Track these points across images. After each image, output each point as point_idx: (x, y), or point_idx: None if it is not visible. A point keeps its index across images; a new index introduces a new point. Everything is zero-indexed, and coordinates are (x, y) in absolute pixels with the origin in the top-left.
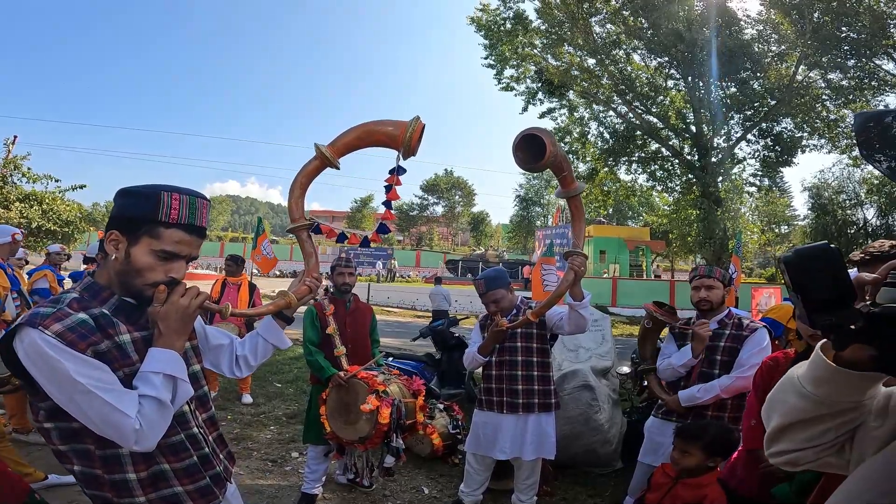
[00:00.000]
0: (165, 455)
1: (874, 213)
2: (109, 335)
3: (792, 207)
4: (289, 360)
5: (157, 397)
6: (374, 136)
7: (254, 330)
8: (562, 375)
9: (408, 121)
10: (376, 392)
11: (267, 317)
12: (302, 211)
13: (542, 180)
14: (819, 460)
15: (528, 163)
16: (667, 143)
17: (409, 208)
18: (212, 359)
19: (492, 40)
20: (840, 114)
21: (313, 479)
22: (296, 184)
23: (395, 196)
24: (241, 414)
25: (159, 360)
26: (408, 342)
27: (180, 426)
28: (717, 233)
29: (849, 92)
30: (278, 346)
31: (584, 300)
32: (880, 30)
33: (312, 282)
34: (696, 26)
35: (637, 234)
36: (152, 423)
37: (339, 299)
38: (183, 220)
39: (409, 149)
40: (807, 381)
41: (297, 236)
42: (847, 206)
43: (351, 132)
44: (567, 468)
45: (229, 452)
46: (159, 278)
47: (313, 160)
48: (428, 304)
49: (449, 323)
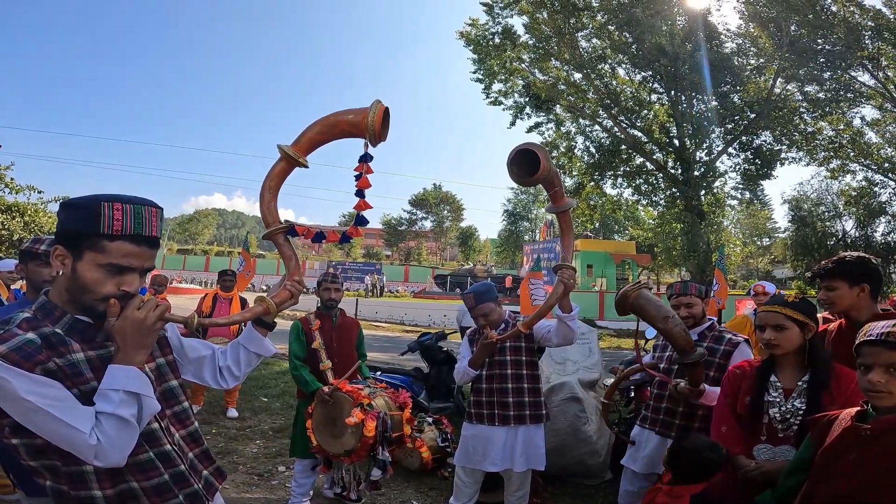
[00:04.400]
0: (133, 473)
1: (853, 224)
2: (61, 353)
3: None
4: (275, 375)
5: (116, 413)
6: (336, 128)
7: (235, 339)
8: (550, 388)
9: (367, 106)
10: (361, 405)
11: (248, 326)
12: (276, 215)
13: (529, 195)
14: None
15: (522, 177)
16: (651, 156)
17: (397, 223)
18: (194, 371)
19: (480, 55)
20: (817, 126)
21: (300, 492)
22: (265, 188)
23: (367, 184)
24: (226, 428)
25: (117, 376)
26: (396, 357)
27: (149, 444)
28: (701, 246)
29: (825, 104)
30: (261, 353)
31: (573, 312)
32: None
33: (293, 286)
34: (677, 40)
35: (623, 248)
36: (113, 439)
37: (326, 314)
38: (128, 231)
39: (374, 134)
40: None
41: (274, 241)
42: (826, 217)
43: (313, 127)
44: (556, 480)
45: (217, 468)
46: (110, 292)
47: (279, 162)
48: (416, 318)
49: (437, 337)
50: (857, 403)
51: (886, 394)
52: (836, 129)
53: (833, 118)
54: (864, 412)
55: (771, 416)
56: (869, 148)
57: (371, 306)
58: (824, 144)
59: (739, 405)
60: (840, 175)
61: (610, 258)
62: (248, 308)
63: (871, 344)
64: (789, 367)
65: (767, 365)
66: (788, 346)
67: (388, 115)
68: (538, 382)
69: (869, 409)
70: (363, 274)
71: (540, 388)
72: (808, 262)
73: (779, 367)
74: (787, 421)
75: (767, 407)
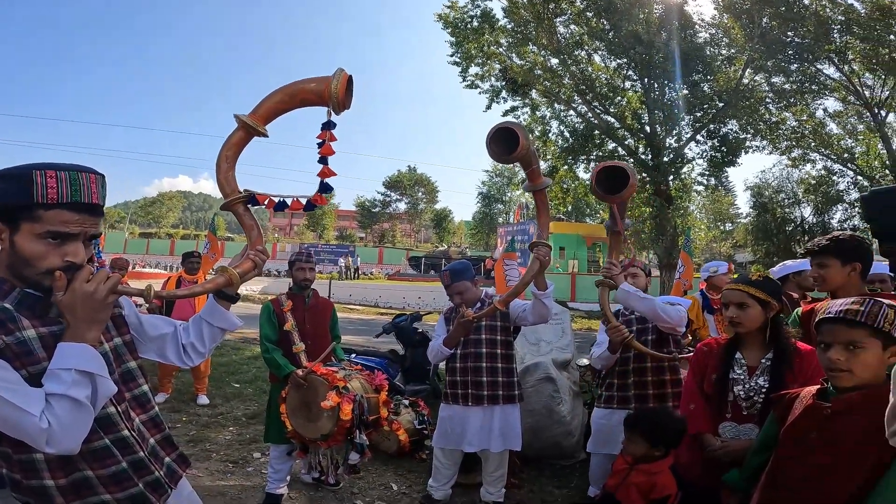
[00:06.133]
0: (87, 461)
1: (810, 211)
2: (10, 331)
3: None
4: (247, 360)
5: (68, 395)
6: (298, 96)
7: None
8: (524, 368)
9: (331, 75)
10: (336, 388)
11: (209, 299)
12: (234, 184)
13: (504, 178)
14: None
15: (501, 155)
16: (623, 142)
17: (371, 205)
18: (156, 350)
19: (458, 38)
20: (781, 116)
21: (277, 478)
22: (221, 158)
23: (329, 151)
24: (196, 416)
25: (69, 354)
26: (371, 339)
27: (104, 430)
28: (668, 229)
29: (790, 95)
30: (225, 328)
31: (548, 290)
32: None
33: (257, 255)
34: (653, 29)
35: (595, 231)
36: (66, 423)
37: (298, 295)
38: (65, 199)
39: (338, 102)
40: None
41: (233, 212)
42: (786, 204)
43: (273, 96)
44: (533, 461)
45: (180, 455)
46: (55, 264)
47: (236, 131)
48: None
49: (412, 319)
50: (818, 381)
51: (846, 372)
52: (799, 120)
53: (797, 109)
54: (825, 390)
55: (736, 394)
56: (829, 138)
57: (345, 289)
58: (787, 134)
59: (706, 383)
60: (801, 164)
61: (582, 240)
62: (210, 279)
63: (830, 321)
64: (753, 345)
65: (733, 343)
66: (751, 324)
67: (352, 84)
68: (512, 362)
69: (829, 386)
70: (337, 256)
71: (514, 368)
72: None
73: (744, 344)
74: (751, 399)
75: (732, 384)
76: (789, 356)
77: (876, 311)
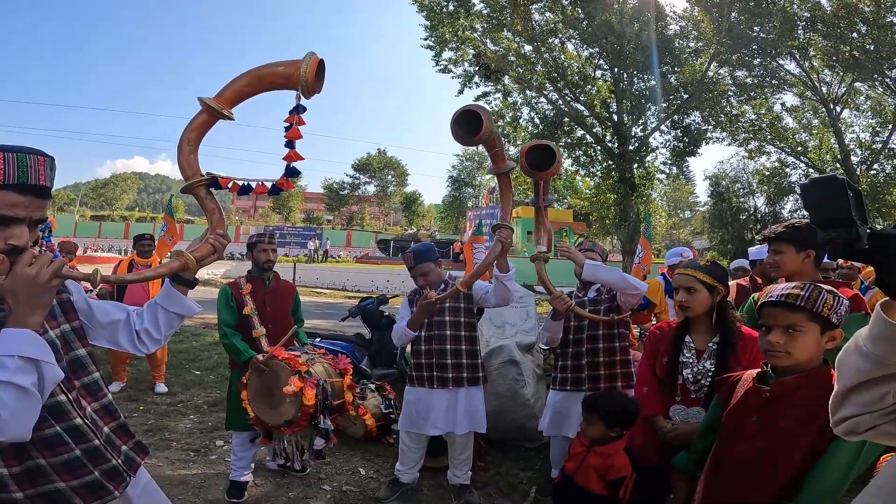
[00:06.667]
0: (39, 449)
1: (763, 201)
2: None
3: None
4: (208, 346)
5: (12, 382)
6: (266, 80)
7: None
8: (489, 351)
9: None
10: (299, 373)
11: (165, 284)
12: (196, 167)
13: (474, 163)
14: (876, 428)
15: (465, 137)
16: (591, 130)
17: (339, 187)
18: (108, 337)
19: (433, 22)
20: (741, 109)
21: (241, 466)
22: (183, 140)
23: (297, 135)
24: (154, 404)
25: (11, 340)
26: (337, 323)
27: (55, 418)
28: (631, 216)
29: (751, 89)
30: (182, 314)
31: (510, 272)
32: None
33: (217, 239)
34: (626, 19)
35: (561, 216)
36: (13, 411)
37: (258, 277)
38: (11, 181)
39: (307, 86)
40: (866, 339)
41: (194, 195)
42: (741, 194)
43: (240, 79)
44: (498, 444)
45: (138, 443)
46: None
47: (200, 114)
48: (359, 284)
49: (379, 302)
50: (759, 365)
51: (784, 354)
52: (757, 113)
53: (756, 103)
54: (765, 374)
55: (685, 377)
56: (785, 132)
57: (312, 272)
58: (746, 127)
59: (658, 366)
60: (756, 156)
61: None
62: (164, 263)
63: (771, 305)
64: (702, 328)
65: (683, 327)
66: (698, 308)
67: (323, 68)
68: (476, 344)
69: (769, 370)
70: (304, 239)
71: (478, 350)
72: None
73: (693, 328)
74: (699, 382)
75: (682, 368)
76: (734, 340)
77: (815, 295)
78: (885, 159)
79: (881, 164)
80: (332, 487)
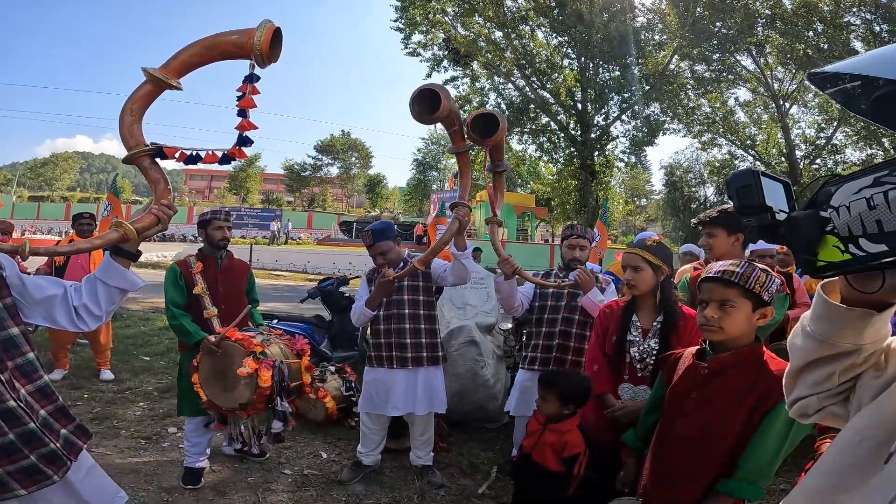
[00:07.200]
0: None
1: (713, 191)
2: None
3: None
4: (157, 331)
5: None
6: (218, 48)
7: (90, 273)
8: (449, 332)
9: (255, 27)
10: (253, 354)
11: (105, 257)
12: (139, 137)
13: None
14: (823, 409)
15: (423, 115)
16: (555, 117)
17: (300, 168)
18: (43, 313)
19: (404, 3)
20: (697, 102)
21: (196, 452)
22: (125, 111)
23: (250, 104)
24: (100, 392)
25: None
26: (297, 306)
27: None
28: (591, 202)
29: (708, 83)
30: (125, 288)
31: (467, 251)
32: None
33: (161, 209)
34: (596, 10)
35: (524, 201)
36: None
37: (210, 256)
38: None
39: (262, 55)
40: (809, 319)
41: (138, 165)
42: (693, 184)
43: (189, 48)
44: (459, 425)
45: (79, 426)
46: None
47: (143, 84)
48: (320, 266)
49: (339, 283)
50: (698, 342)
51: (718, 328)
52: (712, 107)
53: (712, 97)
54: (703, 350)
55: (632, 356)
56: (737, 126)
57: (271, 254)
58: (701, 119)
59: (608, 344)
60: (709, 147)
61: (511, 209)
62: (100, 234)
63: (709, 280)
64: (647, 307)
65: (630, 306)
66: (644, 287)
67: (279, 36)
68: (435, 324)
69: (707, 347)
70: (263, 220)
71: (437, 329)
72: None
73: (639, 307)
74: (644, 360)
75: (629, 346)
76: (675, 319)
77: (749, 273)
78: (828, 154)
79: (823, 159)
80: (293, 471)
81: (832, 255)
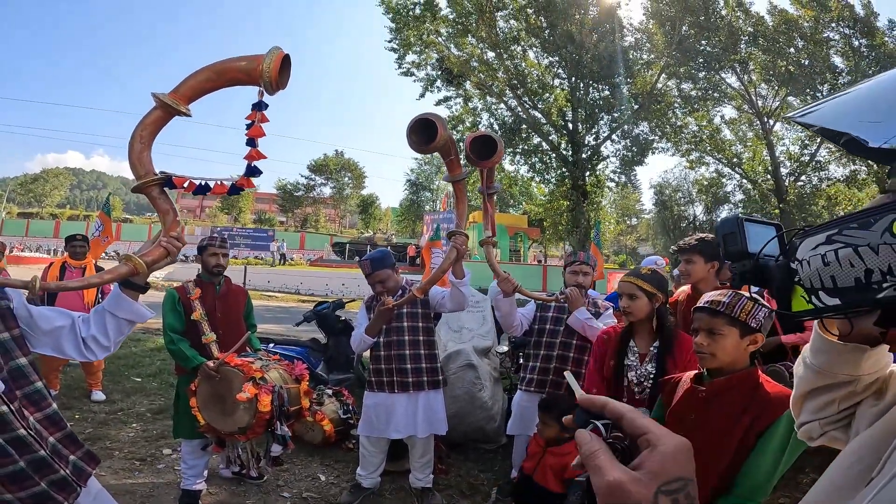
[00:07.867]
0: None
1: (702, 209)
2: None
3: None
4: (149, 352)
5: None
6: (227, 75)
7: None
8: (447, 355)
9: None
10: (253, 379)
11: (114, 289)
12: (148, 165)
13: (433, 166)
14: (825, 434)
15: (420, 145)
16: (547, 137)
17: (293, 188)
18: (51, 344)
19: (398, 24)
20: (685, 121)
21: (193, 474)
22: (135, 138)
23: (259, 133)
24: (92, 412)
25: None
26: (291, 328)
27: None
28: (583, 222)
29: (695, 101)
30: (134, 320)
31: (465, 278)
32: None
33: (170, 242)
34: (586, 30)
35: (516, 222)
36: None
37: (208, 282)
38: None
39: (271, 82)
40: (808, 351)
41: (147, 195)
42: (682, 203)
43: (198, 74)
44: (458, 446)
45: (87, 452)
46: None
47: (153, 110)
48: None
49: (334, 306)
50: (695, 367)
51: (709, 355)
52: (699, 125)
53: (699, 115)
54: (701, 375)
55: (629, 379)
56: (723, 143)
57: (263, 275)
58: (688, 138)
59: (605, 368)
60: (697, 166)
61: (504, 230)
62: (110, 269)
63: (700, 310)
64: (644, 333)
65: (628, 331)
66: (639, 314)
67: (288, 63)
68: (434, 348)
69: (705, 372)
70: (255, 241)
71: (436, 353)
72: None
73: (636, 333)
74: (642, 384)
75: (627, 371)
76: (670, 344)
77: (734, 302)
78: (812, 171)
79: (808, 175)
80: (291, 494)
81: (800, 304)
